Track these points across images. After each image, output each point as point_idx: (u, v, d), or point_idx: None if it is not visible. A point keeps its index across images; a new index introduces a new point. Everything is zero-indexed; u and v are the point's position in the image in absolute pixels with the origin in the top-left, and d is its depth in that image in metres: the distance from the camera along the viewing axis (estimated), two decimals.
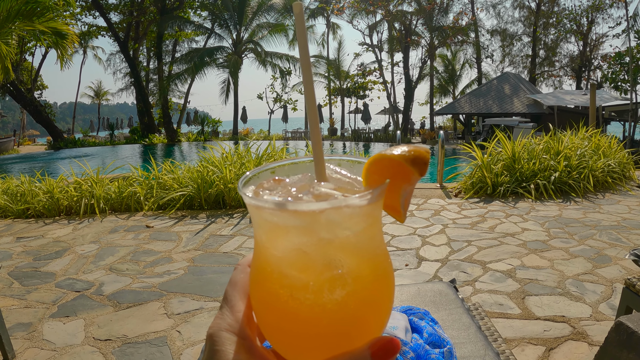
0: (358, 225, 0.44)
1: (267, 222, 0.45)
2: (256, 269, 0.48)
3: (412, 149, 0.45)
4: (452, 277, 3.92)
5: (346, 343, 0.44)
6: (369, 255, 0.46)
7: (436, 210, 6.99)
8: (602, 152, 9.16)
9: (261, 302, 0.47)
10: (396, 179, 0.45)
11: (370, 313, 0.46)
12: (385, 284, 0.48)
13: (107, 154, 26.38)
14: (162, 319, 3.64)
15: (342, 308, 0.43)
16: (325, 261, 0.44)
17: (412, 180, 0.46)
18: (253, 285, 0.49)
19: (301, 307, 0.43)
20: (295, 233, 0.44)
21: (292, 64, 38.89)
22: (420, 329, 1.50)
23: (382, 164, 0.45)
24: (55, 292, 4.25)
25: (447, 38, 36.23)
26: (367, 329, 0.46)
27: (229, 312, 0.48)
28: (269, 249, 0.46)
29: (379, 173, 0.46)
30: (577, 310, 3.54)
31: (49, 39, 14.47)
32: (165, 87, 36.06)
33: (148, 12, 36.34)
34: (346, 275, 0.44)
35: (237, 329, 0.47)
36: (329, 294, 0.43)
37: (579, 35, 39.62)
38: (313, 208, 0.42)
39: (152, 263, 4.98)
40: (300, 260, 0.44)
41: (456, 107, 33.49)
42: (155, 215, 7.12)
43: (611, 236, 5.43)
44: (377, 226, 0.48)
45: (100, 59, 50.88)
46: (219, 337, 0.45)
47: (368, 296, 0.45)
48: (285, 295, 0.44)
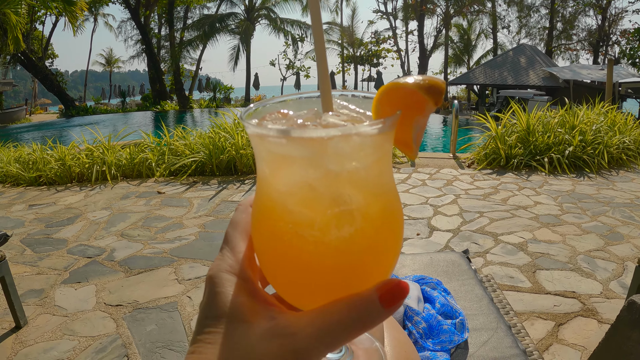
0: (368, 158, 0.41)
1: (271, 154, 0.42)
2: (259, 207, 0.46)
3: (427, 78, 0.42)
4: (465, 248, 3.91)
5: (352, 285, 0.42)
6: (378, 192, 0.43)
7: (449, 180, 6.95)
8: (617, 128, 9.01)
9: (264, 241, 0.45)
10: (409, 109, 0.42)
11: (378, 254, 0.43)
12: (394, 224, 0.45)
13: (119, 121, 26.44)
14: (173, 284, 3.67)
15: (349, 247, 0.41)
16: (332, 196, 0.41)
17: (425, 111, 0.43)
18: (255, 225, 0.46)
19: (306, 245, 0.41)
20: (301, 165, 0.41)
21: (304, 30, 38.51)
22: (433, 299, 1.49)
23: (394, 94, 0.42)
24: (66, 259, 4.29)
25: (463, 7, 35.69)
26: (375, 271, 0.43)
27: (229, 253, 0.46)
28: (272, 184, 0.43)
29: (390, 104, 0.43)
30: (587, 286, 3.51)
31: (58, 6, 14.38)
32: (177, 54, 35.91)
33: None
34: (354, 211, 0.41)
35: (238, 270, 0.44)
36: (335, 231, 0.40)
37: (598, 9, 38.82)
38: (321, 135, 0.39)
39: (164, 229, 5.01)
40: (305, 194, 0.41)
41: (471, 77, 33.08)
42: (167, 182, 7.14)
43: (624, 214, 5.36)
44: (387, 162, 0.45)
45: (111, 26, 50.60)
46: (219, 279, 0.43)
47: (376, 235, 0.43)
48: (290, 233, 0.41)
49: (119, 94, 43.34)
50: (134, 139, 9.33)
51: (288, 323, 0.40)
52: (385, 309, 0.39)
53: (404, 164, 8.01)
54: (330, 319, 0.39)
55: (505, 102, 22.34)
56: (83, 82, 57.12)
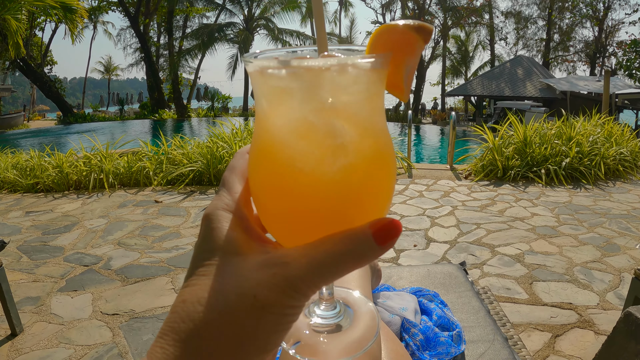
0: (362, 93, 0.43)
1: (269, 88, 0.44)
2: (256, 147, 0.47)
3: (417, 20, 0.44)
4: (462, 260, 3.91)
5: (346, 221, 0.42)
6: (372, 128, 0.45)
7: (446, 191, 6.96)
8: (614, 139, 9.05)
9: (260, 181, 0.46)
10: (400, 50, 0.44)
11: (371, 190, 0.44)
12: (387, 163, 0.46)
13: (117, 129, 26.43)
14: (170, 294, 3.66)
15: (342, 180, 0.42)
16: (327, 128, 0.42)
17: (416, 51, 0.45)
18: (252, 166, 0.48)
19: (302, 179, 0.42)
20: (299, 95, 0.42)
21: (303, 40, 38.67)
22: (430, 311, 1.49)
23: (386, 35, 0.44)
24: (63, 267, 4.28)
25: (461, 19, 35.91)
26: (368, 208, 0.44)
27: (226, 194, 0.47)
28: (270, 119, 0.44)
29: (383, 47, 0.44)
30: (584, 298, 3.52)
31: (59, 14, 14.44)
32: (176, 63, 36.00)
33: None
34: (348, 144, 0.42)
35: (234, 208, 0.45)
36: (330, 164, 0.41)
37: (595, 20, 39.08)
38: (318, 64, 0.40)
39: (161, 238, 5.00)
40: (302, 126, 0.42)
41: (468, 88, 33.27)
42: (164, 191, 7.14)
43: (621, 225, 5.38)
44: (379, 101, 0.46)
45: (110, 34, 50.73)
46: (215, 215, 0.44)
47: (369, 171, 0.44)
48: (285, 169, 0.42)
49: (117, 102, 43.34)
50: (132, 147, 9.33)
51: (282, 254, 0.41)
52: (379, 246, 0.40)
53: (401, 175, 8.03)
54: (324, 251, 0.40)
55: (503, 114, 22.45)
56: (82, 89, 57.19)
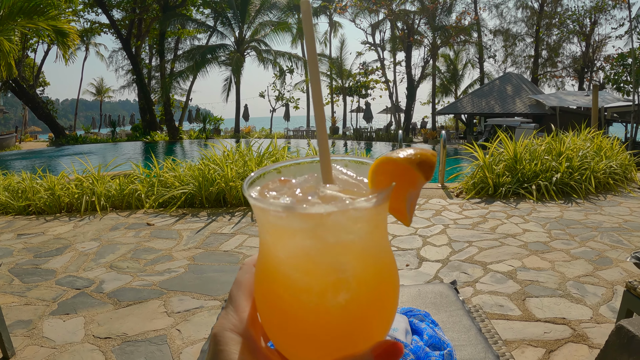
0: (363, 229, 0.44)
1: (272, 225, 0.45)
2: (261, 270, 0.48)
3: (419, 152, 0.45)
4: (453, 279, 3.91)
5: (349, 346, 0.44)
6: (374, 259, 0.46)
7: (437, 210, 6.98)
8: (604, 153, 9.14)
9: (265, 302, 0.47)
10: (402, 182, 0.45)
11: (373, 317, 0.45)
12: (390, 288, 0.48)
13: (109, 151, 26.39)
14: (162, 317, 3.64)
15: (345, 311, 0.43)
16: (330, 264, 0.43)
17: (418, 184, 0.46)
18: (257, 286, 0.49)
19: (305, 309, 0.43)
20: (301, 235, 0.43)
21: (294, 62, 38.87)
22: (421, 330, 1.50)
23: (387, 166, 0.45)
24: (55, 290, 4.26)
25: (450, 37, 36.23)
26: (371, 333, 0.46)
27: (233, 312, 0.48)
28: (273, 251, 0.46)
29: (384, 175, 0.45)
30: (577, 312, 3.53)
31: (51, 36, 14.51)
32: (168, 85, 36.06)
33: (150, 10, 36.31)
34: (350, 278, 0.43)
35: (242, 329, 0.47)
36: (332, 297, 0.43)
37: (582, 36, 39.59)
38: (320, 211, 0.41)
39: (153, 261, 4.98)
40: (304, 262, 0.44)
41: (458, 107, 33.50)
42: (156, 213, 7.12)
43: (612, 238, 5.42)
44: (382, 229, 0.47)
45: (102, 55, 50.97)
46: (222, 337, 0.45)
47: (372, 300, 0.45)
48: (289, 297, 0.44)
49: (109, 124, 43.32)
50: (123, 169, 9.33)
51: None
52: None
53: None
54: None
55: (493, 131, 22.58)
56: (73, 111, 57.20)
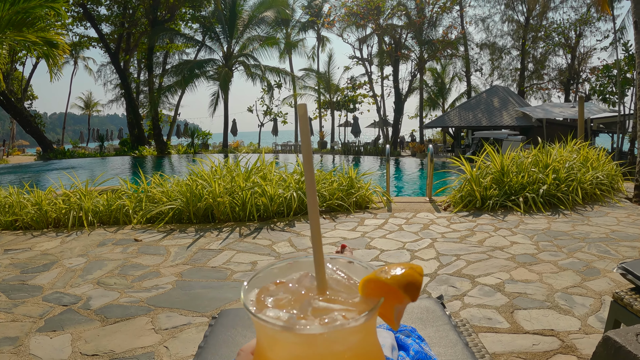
0: (354, 340, 0.47)
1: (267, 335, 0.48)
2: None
3: (406, 273, 0.47)
4: (441, 293, 3.92)
5: None
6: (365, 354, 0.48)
7: (425, 224, 7.00)
8: (590, 164, 9.23)
9: None
10: (389, 299, 0.48)
11: None
12: None
13: (97, 166, 26.25)
14: (150, 334, 3.61)
15: None
16: None
17: (404, 302, 0.49)
18: None
19: None
20: (294, 347, 0.46)
21: (282, 77, 39.01)
22: (407, 346, 1.50)
23: (377, 284, 0.48)
24: (42, 306, 4.21)
25: (437, 52, 36.49)
26: None
27: None
28: (269, 354, 0.48)
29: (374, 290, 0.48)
30: (566, 323, 3.54)
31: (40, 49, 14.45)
32: (156, 99, 36.04)
33: (139, 24, 36.40)
34: None
35: None
36: None
37: (567, 48, 40.05)
38: (313, 332, 0.44)
39: (140, 277, 4.95)
40: None
41: (445, 120, 33.74)
42: (144, 229, 7.08)
43: (600, 249, 5.46)
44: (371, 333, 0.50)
45: (90, 69, 50.91)
46: None
47: None
48: None
49: (97, 138, 43.16)
50: (111, 185, 9.28)
51: None
52: None
53: (380, 209, 8.07)
54: None
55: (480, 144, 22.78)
56: (62, 125, 56.93)
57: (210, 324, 1.89)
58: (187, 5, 36.90)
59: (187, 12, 38.24)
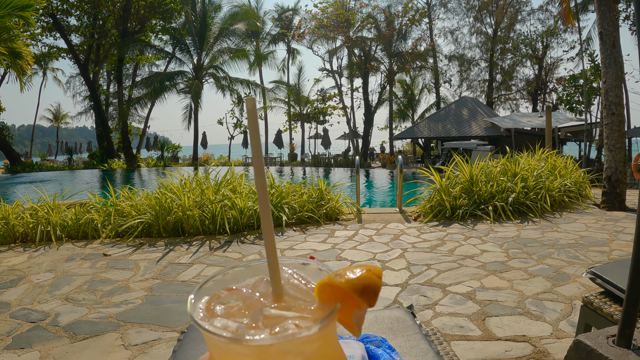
0: (310, 349, 0.44)
1: (216, 347, 0.45)
2: None
3: (363, 276, 0.45)
4: (412, 302, 3.94)
5: None
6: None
7: (395, 234, 7.03)
8: (558, 172, 9.43)
9: None
10: (346, 304, 0.45)
11: None
12: None
13: (65, 179, 25.80)
14: (120, 350, 3.54)
15: None
16: None
17: (362, 308, 0.46)
18: None
19: None
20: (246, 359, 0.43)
21: (252, 89, 38.99)
22: (377, 357, 1.50)
23: (331, 289, 0.45)
24: (9, 323, 4.10)
25: (406, 64, 36.94)
26: None
27: None
28: None
29: (330, 295, 0.46)
30: (537, 329, 3.59)
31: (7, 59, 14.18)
32: (125, 112, 35.66)
33: (109, 35, 36.03)
34: None
35: None
36: None
37: (535, 59, 40.88)
38: (263, 343, 0.41)
39: (109, 292, 4.86)
40: None
41: (415, 131, 34.15)
42: (113, 243, 6.97)
43: (569, 254, 5.56)
44: (330, 343, 0.47)
45: (60, 81, 50.18)
46: None
47: None
48: None
49: (66, 151, 42.38)
50: (80, 198, 9.11)
51: None
52: None
53: (351, 220, 8.09)
54: None
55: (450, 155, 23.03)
56: (30, 137, 55.84)
57: (179, 338, 1.86)
58: (157, 17, 36.66)
59: (157, 23, 37.98)
